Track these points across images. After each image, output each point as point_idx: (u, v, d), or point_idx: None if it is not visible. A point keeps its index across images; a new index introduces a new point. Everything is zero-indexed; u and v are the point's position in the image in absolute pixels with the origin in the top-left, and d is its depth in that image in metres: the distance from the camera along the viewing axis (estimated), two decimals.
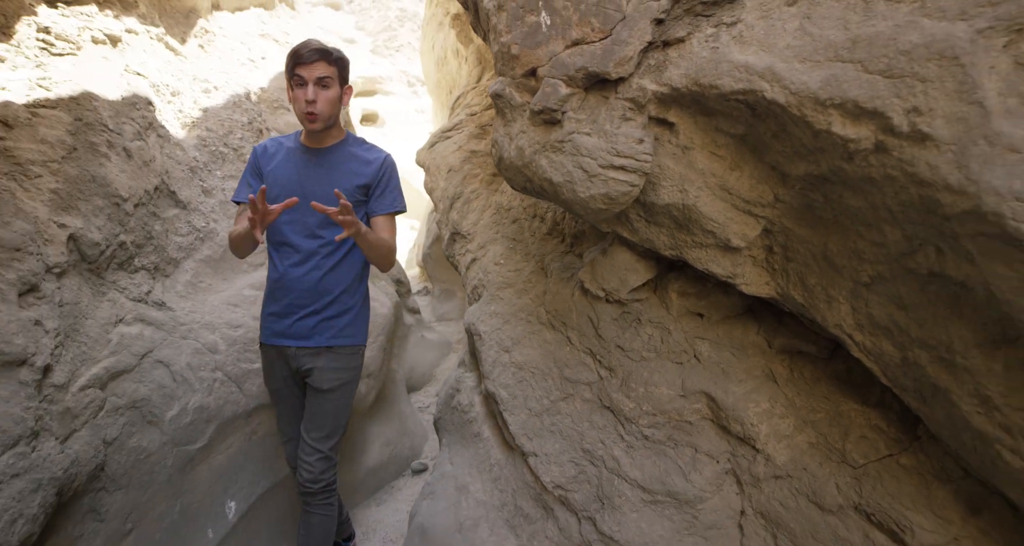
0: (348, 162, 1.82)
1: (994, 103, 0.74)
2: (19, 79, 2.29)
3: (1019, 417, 0.79)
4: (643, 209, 1.31)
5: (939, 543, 0.97)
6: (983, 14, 0.76)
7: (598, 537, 1.42)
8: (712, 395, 1.35)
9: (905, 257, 0.91)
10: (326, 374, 1.83)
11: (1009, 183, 0.71)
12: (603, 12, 1.20)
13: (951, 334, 0.87)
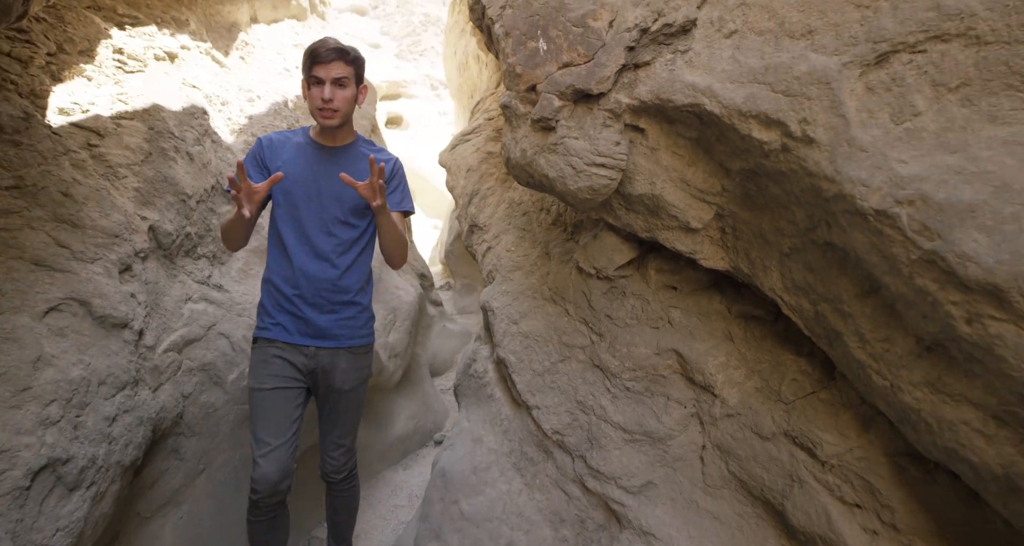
0: (360, 162, 1.85)
1: (853, 116, 1.02)
2: (103, 95, 2.67)
3: (881, 347, 1.07)
4: (622, 199, 1.61)
5: (840, 453, 1.25)
6: (847, 51, 1.04)
7: (588, 471, 1.72)
8: (681, 353, 1.64)
9: (809, 231, 1.19)
10: (349, 375, 1.85)
11: (859, 173, 0.99)
12: (587, 41, 1.51)
13: (840, 289, 1.15)
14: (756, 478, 1.44)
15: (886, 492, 1.18)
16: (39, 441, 1.34)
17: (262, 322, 1.84)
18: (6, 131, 1.93)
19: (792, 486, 1.34)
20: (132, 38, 3.18)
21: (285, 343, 1.79)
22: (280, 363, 1.79)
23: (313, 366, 1.81)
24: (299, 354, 1.79)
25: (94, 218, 1.98)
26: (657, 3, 1.40)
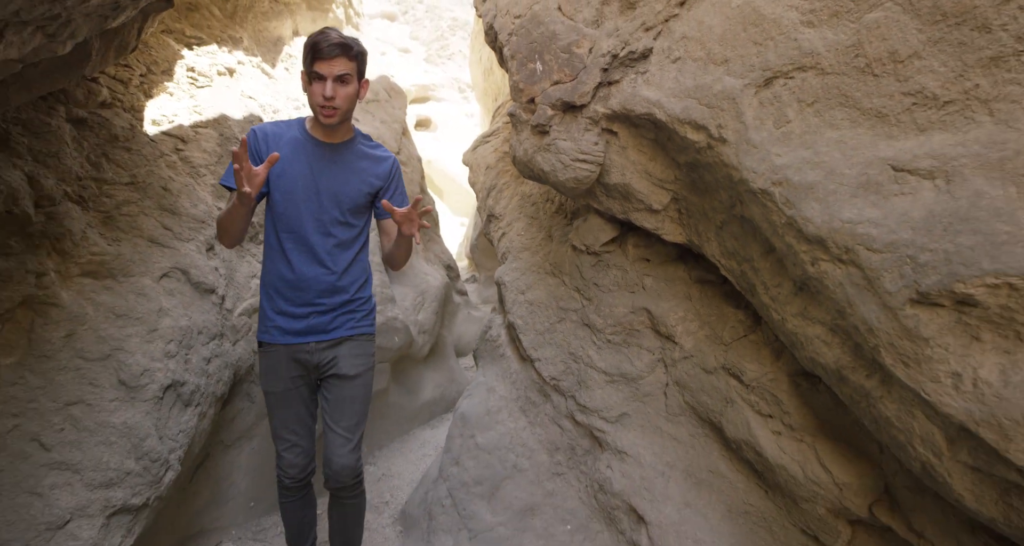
0: (360, 160, 1.82)
1: (750, 122, 1.42)
2: (182, 107, 3.20)
3: (776, 291, 1.47)
4: (602, 187, 2.02)
5: (758, 377, 1.65)
6: (748, 76, 1.44)
7: (577, 408, 2.14)
8: (651, 311, 2.05)
9: (731, 208, 1.59)
10: (351, 360, 1.83)
11: (752, 164, 1.39)
12: (572, 64, 1.93)
13: (752, 251, 1.55)
14: (703, 404, 1.84)
15: (787, 402, 1.58)
16: (165, 367, 1.84)
17: (263, 325, 1.82)
18: (120, 140, 2.45)
19: (726, 406, 1.75)
20: (199, 57, 3.72)
21: (286, 345, 1.78)
22: (286, 364, 1.79)
23: (317, 360, 1.80)
24: (301, 352, 1.79)
25: (186, 207, 2.49)
26: (624, 35, 1.82)
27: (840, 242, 1.17)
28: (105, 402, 1.62)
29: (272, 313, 1.79)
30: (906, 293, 1.03)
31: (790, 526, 1.64)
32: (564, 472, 2.15)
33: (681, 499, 1.81)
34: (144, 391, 1.74)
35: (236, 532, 2.35)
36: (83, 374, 1.62)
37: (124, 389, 1.69)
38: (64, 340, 1.63)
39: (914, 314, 1.02)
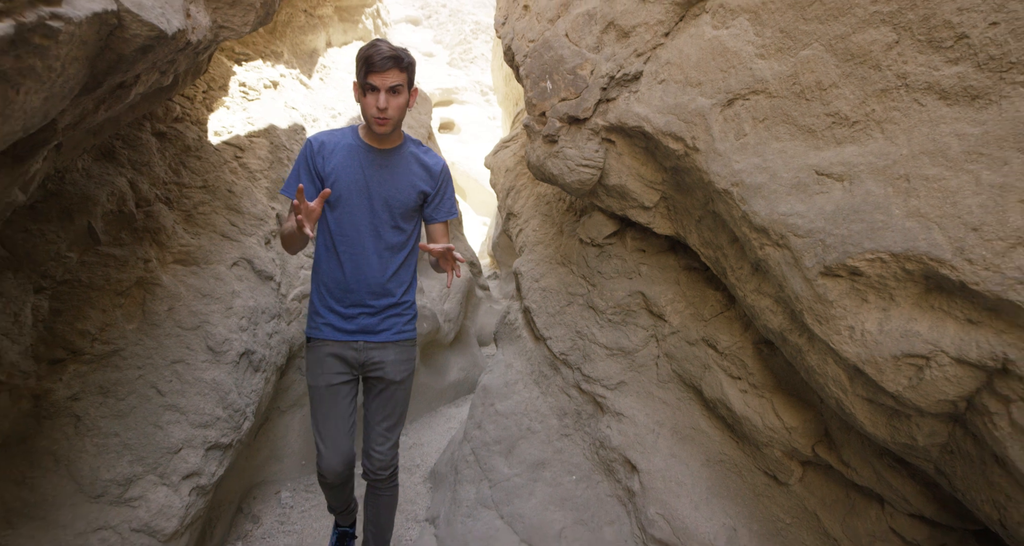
0: (411, 165, 1.88)
1: (716, 135, 1.75)
2: (238, 119, 3.63)
3: (739, 273, 1.79)
4: (603, 188, 2.36)
5: (729, 346, 1.98)
6: (716, 97, 1.77)
7: (582, 377, 2.49)
8: (645, 294, 2.39)
9: (705, 205, 1.92)
10: (398, 366, 1.91)
11: (717, 169, 1.72)
12: (576, 83, 2.28)
13: (722, 240, 1.88)
14: (687, 371, 2.18)
15: (751, 365, 1.90)
16: (240, 338, 2.24)
17: (313, 322, 1.89)
18: (192, 149, 2.88)
19: (705, 371, 2.08)
20: (248, 72, 4.16)
21: (335, 341, 1.84)
22: (332, 360, 1.84)
23: (363, 359, 1.86)
24: (349, 349, 1.84)
25: (247, 207, 2.90)
26: (619, 60, 2.16)
27: (777, 230, 1.50)
28: (198, 362, 2.03)
29: (323, 310, 1.85)
30: (818, 268, 1.36)
31: (755, 469, 1.96)
32: (571, 433, 2.50)
33: (668, 451, 2.15)
34: (225, 356, 2.14)
35: (291, 484, 2.76)
36: (181, 340, 2.03)
37: (211, 353, 2.09)
38: (167, 313, 2.04)
39: (823, 283, 1.35)
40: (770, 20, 1.62)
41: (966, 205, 1.12)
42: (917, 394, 1.20)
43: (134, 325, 1.90)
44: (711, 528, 1.89)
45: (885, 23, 1.32)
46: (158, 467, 1.72)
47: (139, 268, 2.02)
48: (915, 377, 1.19)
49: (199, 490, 1.81)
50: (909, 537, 1.53)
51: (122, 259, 2.00)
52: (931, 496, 1.45)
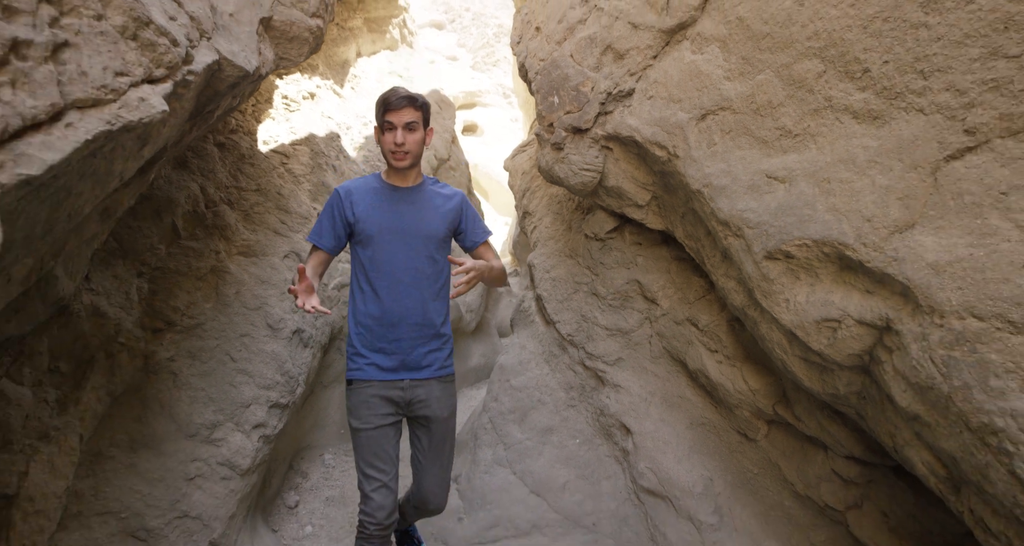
0: (433, 199, 1.96)
1: (692, 144, 2.08)
2: (282, 129, 4.06)
3: (714, 260, 2.12)
4: (603, 189, 2.71)
5: (708, 324, 2.31)
6: (692, 111, 2.10)
7: (586, 355, 2.84)
8: (640, 281, 2.72)
9: (687, 203, 2.25)
10: (444, 402, 1.92)
11: (692, 173, 2.06)
12: (579, 98, 2.63)
13: (700, 233, 2.21)
14: (674, 348, 2.51)
15: (725, 340, 2.23)
16: (292, 318, 2.64)
17: (355, 363, 1.87)
18: (246, 157, 3.30)
19: (688, 346, 2.41)
20: (288, 85, 4.59)
21: (380, 381, 1.84)
22: (377, 402, 1.83)
23: (409, 397, 1.86)
24: (394, 388, 1.84)
25: (294, 207, 3.32)
26: (615, 78, 2.50)
27: (735, 223, 1.83)
28: (261, 336, 2.43)
29: (364, 350, 1.85)
30: (763, 253, 1.69)
31: (729, 429, 2.29)
32: (576, 404, 2.85)
33: (658, 416, 2.48)
34: (282, 332, 2.55)
35: (332, 449, 3.16)
36: (247, 317, 2.44)
37: (270, 330, 2.50)
38: (234, 295, 2.45)
39: (766, 265, 1.68)
40: (735, 48, 1.96)
41: (864, 201, 1.44)
42: (834, 350, 1.52)
43: (211, 304, 2.32)
44: (691, 478, 2.22)
45: (816, 56, 1.65)
46: (234, 417, 2.12)
47: (212, 258, 2.44)
48: (831, 337, 1.52)
49: (264, 438, 2.21)
50: (845, 475, 1.85)
51: (198, 251, 2.42)
52: (858, 439, 1.76)
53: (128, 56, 1.10)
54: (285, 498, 2.66)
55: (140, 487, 1.73)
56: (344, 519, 2.62)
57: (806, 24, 1.68)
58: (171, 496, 1.78)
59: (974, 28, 1.24)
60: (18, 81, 0.87)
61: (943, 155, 1.29)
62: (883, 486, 1.80)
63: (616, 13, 2.51)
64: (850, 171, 1.51)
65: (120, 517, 1.63)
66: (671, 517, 2.20)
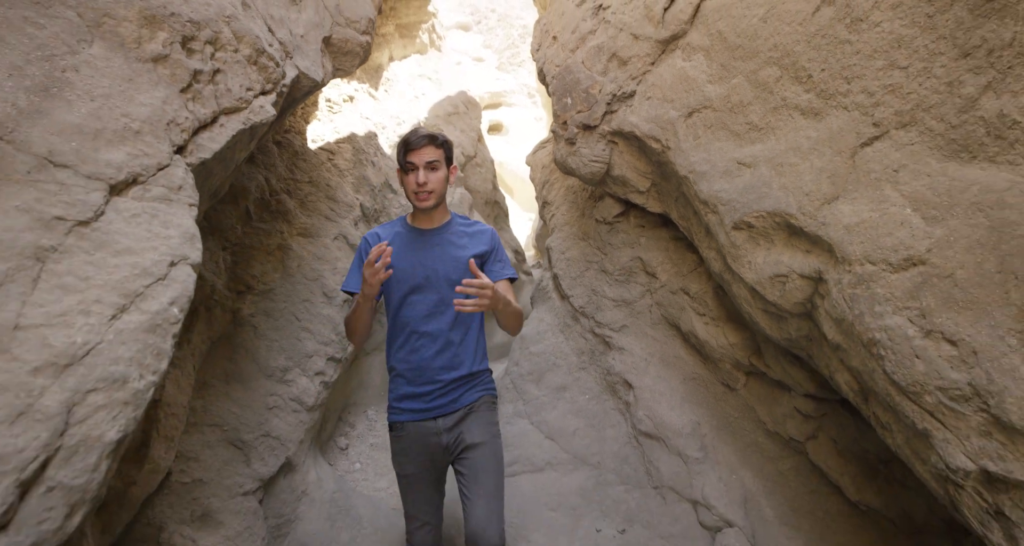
0: (460, 238, 1.92)
1: (681, 138, 2.47)
2: (327, 129, 4.54)
3: (700, 234, 2.51)
4: (610, 178, 3.10)
5: (698, 291, 2.69)
6: (682, 110, 2.49)
7: (595, 324, 3.24)
8: (643, 258, 3.12)
9: (679, 188, 2.64)
10: (480, 427, 1.89)
11: (681, 162, 2.44)
12: (588, 100, 3.03)
13: (689, 213, 2.60)
14: (670, 314, 2.90)
15: (711, 304, 2.62)
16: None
17: (394, 409, 1.92)
18: (299, 154, 3.79)
19: (681, 312, 2.80)
20: (330, 89, 5.07)
21: (415, 422, 1.86)
22: (417, 449, 1.87)
23: (446, 442, 1.86)
24: (431, 435, 1.85)
25: (340, 197, 3.79)
26: (620, 81, 2.90)
27: (712, 202, 2.22)
28: (318, 302, 2.90)
29: (399, 396, 1.89)
30: (731, 224, 2.08)
31: (715, 381, 2.67)
32: (586, 366, 3.25)
33: (656, 374, 2.88)
34: (334, 300, 3.02)
35: (374, 407, 3.63)
36: (307, 286, 2.91)
37: (326, 297, 2.97)
38: (296, 268, 2.92)
39: (734, 234, 2.07)
40: (716, 57, 2.34)
41: (805, 180, 1.82)
42: (784, 300, 1.90)
43: (279, 274, 2.79)
44: (681, 422, 2.61)
45: (775, 64, 2.03)
46: (300, 364, 2.59)
47: (278, 237, 2.92)
48: (782, 289, 1.90)
49: (324, 384, 2.67)
50: (804, 411, 2.22)
51: (267, 230, 2.90)
52: (811, 378, 2.14)
53: (252, 76, 1.56)
54: (337, 441, 3.13)
55: (235, 410, 2.20)
56: (385, 461, 3.08)
57: (768, 38, 2.06)
58: (257, 419, 2.24)
59: (879, 45, 1.62)
60: (196, 98, 1.33)
61: (859, 143, 1.67)
62: (833, 418, 2.17)
63: (621, 25, 2.91)
64: (797, 156, 1.89)
65: (223, 429, 2.10)
66: (664, 454, 2.59)
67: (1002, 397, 1.13)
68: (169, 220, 1.06)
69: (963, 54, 1.40)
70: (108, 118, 1.07)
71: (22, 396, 0.69)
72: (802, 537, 2.17)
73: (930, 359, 1.29)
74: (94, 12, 1.13)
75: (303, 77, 2.12)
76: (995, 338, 1.17)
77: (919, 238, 1.41)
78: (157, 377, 0.87)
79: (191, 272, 1.04)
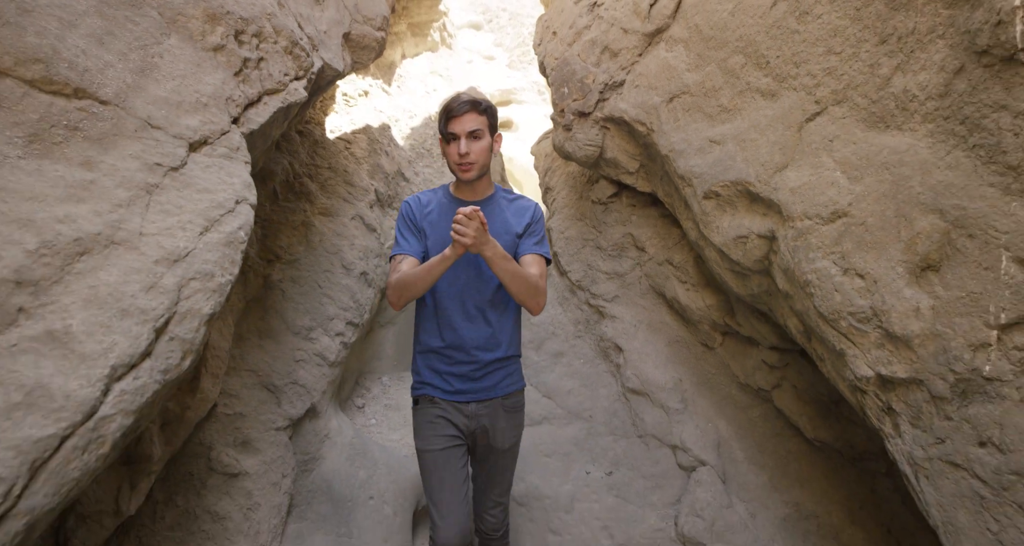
0: (503, 212, 1.84)
1: (664, 121, 2.75)
2: (343, 121, 4.86)
3: (681, 209, 2.78)
4: (603, 160, 3.38)
5: (681, 261, 2.97)
6: (664, 95, 2.76)
7: (590, 295, 3.53)
8: (633, 235, 3.39)
9: (663, 167, 2.91)
10: (508, 432, 1.86)
11: (663, 142, 2.72)
12: (583, 89, 3.31)
13: (671, 190, 2.87)
14: (657, 284, 3.18)
15: (691, 272, 2.89)
16: (359, 263, 3.42)
17: (418, 383, 1.88)
18: (319, 142, 4.11)
19: (666, 281, 3.07)
20: (346, 84, 5.39)
21: (445, 401, 1.81)
22: (443, 423, 1.80)
23: (474, 427, 1.82)
24: (459, 414, 1.81)
25: (357, 182, 4.11)
26: (611, 72, 3.18)
27: (688, 176, 2.49)
28: (338, 273, 3.22)
29: (428, 373, 1.84)
30: (702, 194, 2.35)
31: (696, 342, 2.95)
32: (582, 334, 3.54)
33: (643, 338, 3.16)
34: (352, 272, 3.33)
35: (388, 374, 3.94)
36: (328, 259, 3.23)
37: (344, 269, 3.29)
38: (319, 242, 3.24)
39: (704, 203, 2.34)
40: (693, 47, 2.62)
41: (762, 152, 2.09)
42: (745, 258, 2.18)
43: (303, 247, 3.11)
44: (664, 379, 2.89)
45: (741, 53, 2.30)
46: (323, 325, 2.90)
47: (301, 214, 3.24)
48: (743, 249, 2.17)
49: (343, 344, 2.99)
50: (770, 361, 2.49)
51: (291, 209, 3.22)
52: (774, 331, 2.41)
53: (288, 63, 1.87)
54: (355, 401, 3.45)
55: (267, 360, 2.52)
56: (399, 418, 3.39)
57: (735, 29, 2.33)
58: (286, 368, 2.56)
59: (820, 34, 1.89)
60: (246, 80, 1.64)
61: (804, 118, 1.94)
62: (794, 367, 2.44)
63: (612, 21, 3.19)
64: (756, 133, 2.16)
65: (257, 374, 2.42)
66: (648, 407, 2.87)
67: (890, 314, 1.40)
68: (232, 171, 1.37)
69: (881, 41, 1.67)
70: (185, 93, 1.38)
71: (150, 277, 0.99)
72: (767, 473, 2.44)
73: (845, 291, 1.57)
74: (171, 11, 1.44)
75: (327, 67, 2.43)
76: (888, 269, 1.45)
77: (844, 195, 1.68)
78: (232, 277, 1.17)
79: (249, 209, 1.35)
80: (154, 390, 0.92)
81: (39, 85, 1.05)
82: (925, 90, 1.50)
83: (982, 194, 1.26)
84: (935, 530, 1.24)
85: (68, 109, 1.08)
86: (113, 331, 0.88)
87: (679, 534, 2.32)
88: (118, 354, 0.86)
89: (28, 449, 0.72)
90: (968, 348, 1.23)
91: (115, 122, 1.16)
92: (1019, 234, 1.16)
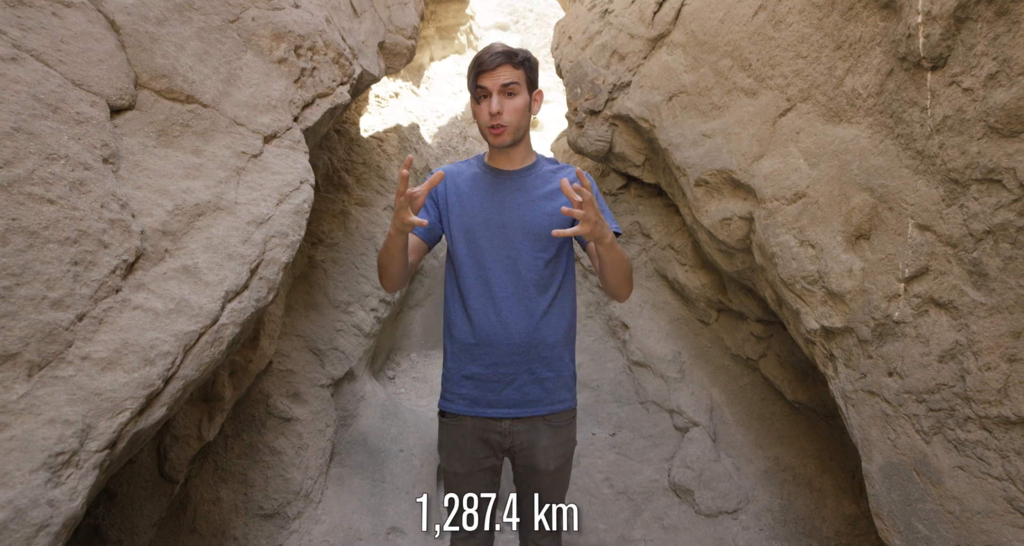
0: (546, 185, 1.57)
1: (664, 117, 3.04)
2: (375, 120, 5.25)
3: (679, 196, 3.07)
4: (613, 155, 3.69)
5: (682, 245, 3.26)
6: (664, 94, 3.06)
7: None
8: (640, 223, 3.69)
9: (664, 160, 3.21)
10: (552, 452, 1.55)
11: (663, 137, 3.01)
12: (594, 89, 3.62)
13: (672, 179, 3.16)
14: (660, 267, 3.47)
15: (690, 254, 3.18)
16: None
17: (447, 391, 1.60)
18: (354, 140, 4.51)
19: (668, 264, 3.37)
20: (379, 86, 5.79)
21: (469, 417, 1.54)
22: (471, 444, 1.55)
23: (509, 444, 1.54)
24: (492, 432, 1.53)
25: (388, 176, 4.49)
26: (619, 73, 3.48)
27: (683, 167, 2.79)
28: (372, 256, 3.59)
29: (458, 378, 1.56)
30: (694, 182, 2.65)
31: (694, 319, 3.24)
32: (593, 315, 3.85)
33: (648, 316, 3.45)
34: None
35: (416, 352, 4.31)
36: (363, 243, 3.60)
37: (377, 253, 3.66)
38: (355, 228, 3.62)
39: (696, 190, 2.64)
40: (690, 51, 2.91)
41: (744, 144, 2.38)
42: (729, 238, 2.46)
43: (342, 232, 3.49)
44: (665, 352, 3.19)
45: (729, 56, 2.58)
46: (359, 301, 3.28)
47: (340, 204, 3.63)
48: (728, 230, 2.46)
49: (376, 318, 3.36)
50: (757, 334, 2.77)
51: (331, 199, 3.61)
52: (759, 305, 2.69)
53: (334, 71, 2.23)
54: (386, 373, 3.83)
55: (312, 328, 2.90)
56: (426, 389, 3.76)
57: (724, 35, 2.62)
58: (328, 336, 2.94)
59: (791, 40, 2.17)
60: (303, 86, 2.01)
61: (777, 114, 2.22)
62: (777, 338, 2.71)
63: (620, 27, 3.50)
64: (740, 127, 2.45)
65: (304, 339, 2.81)
66: (650, 377, 3.17)
67: (830, 276, 1.69)
68: (295, 159, 1.73)
69: (837, 47, 1.95)
70: (259, 98, 1.75)
71: (245, 233, 1.35)
72: (752, 433, 2.72)
73: (800, 259, 1.86)
74: (247, 32, 1.82)
75: (365, 73, 2.79)
76: (831, 238, 1.73)
77: (804, 179, 1.97)
78: (299, 237, 1.53)
79: (310, 188, 1.71)
80: (251, 312, 1.27)
81: (164, 94, 1.42)
82: (867, 89, 1.78)
83: (900, 174, 1.54)
84: (856, 446, 1.53)
85: (182, 111, 1.45)
86: (224, 269, 1.24)
87: (671, 483, 2.62)
88: (229, 284, 1.22)
89: (182, 338, 1.08)
90: (884, 299, 1.51)
91: (212, 121, 1.53)
92: (920, 205, 1.44)
